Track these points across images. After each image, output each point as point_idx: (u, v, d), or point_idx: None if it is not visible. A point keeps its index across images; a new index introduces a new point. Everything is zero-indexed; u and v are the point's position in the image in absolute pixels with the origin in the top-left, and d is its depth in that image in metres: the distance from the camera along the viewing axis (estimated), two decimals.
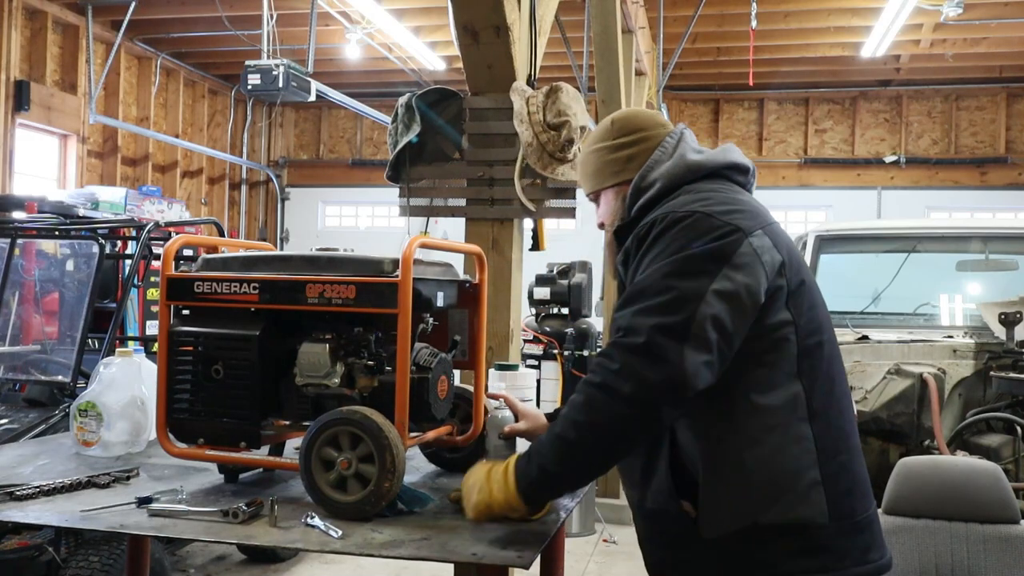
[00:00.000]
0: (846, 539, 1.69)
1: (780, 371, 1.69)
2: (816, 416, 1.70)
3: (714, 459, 1.71)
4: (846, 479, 1.72)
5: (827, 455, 1.69)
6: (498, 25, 3.05)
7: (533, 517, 1.95)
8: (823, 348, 1.76)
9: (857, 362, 4.67)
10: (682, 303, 1.61)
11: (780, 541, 1.67)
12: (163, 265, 2.19)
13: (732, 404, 1.69)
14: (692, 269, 1.64)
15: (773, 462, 1.67)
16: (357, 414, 1.92)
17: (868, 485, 1.78)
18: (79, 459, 2.47)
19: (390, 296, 1.98)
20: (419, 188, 3.30)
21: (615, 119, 2.00)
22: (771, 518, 1.66)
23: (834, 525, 1.67)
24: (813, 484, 1.67)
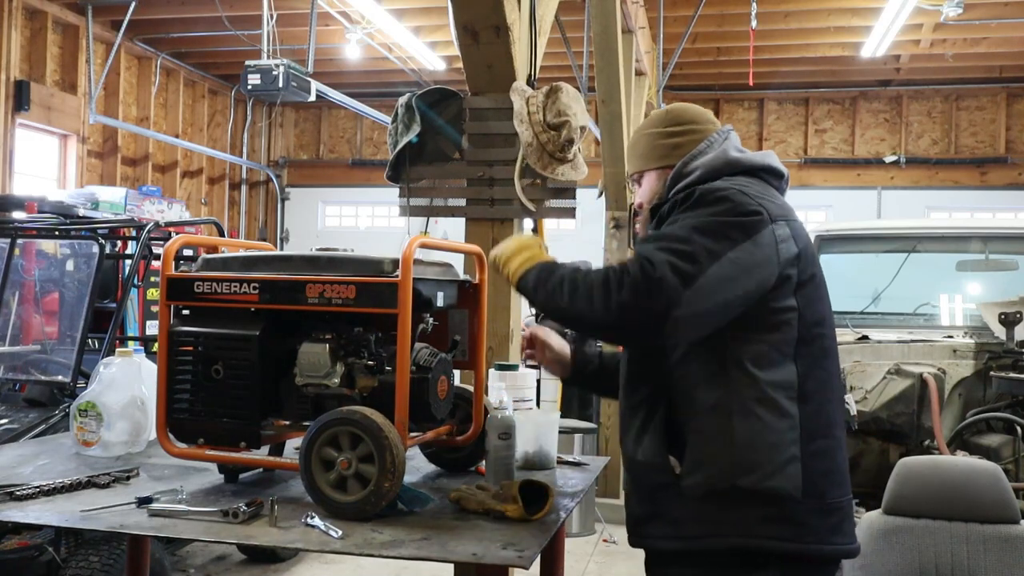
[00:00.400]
0: (815, 517, 1.81)
1: (779, 351, 1.83)
2: (806, 399, 1.83)
3: (705, 421, 1.84)
4: (824, 462, 1.83)
5: (809, 436, 1.82)
6: (498, 25, 3.05)
7: (533, 517, 1.95)
8: (822, 341, 1.89)
9: (857, 362, 4.67)
10: (699, 256, 1.75)
11: (753, 506, 1.79)
12: (163, 265, 2.19)
13: (730, 373, 1.82)
14: (718, 232, 1.79)
15: (759, 432, 1.80)
16: (357, 414, 1.92)
17: (845, 475, 1.89)
18: (79, 459, 2.47)
19: (390, 296, 1.98)
20: (419, 188, 3.29)
21: (670, 109, 2.17)
22: (748, 483, 1.78)
23: (806, 502, 1.79)
24: (792, 459, 1.80)
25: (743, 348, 1.82)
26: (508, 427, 2.25)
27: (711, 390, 1.83)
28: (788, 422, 1.80)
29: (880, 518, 2.59)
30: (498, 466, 2.24)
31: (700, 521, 1.83)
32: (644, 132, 2.16)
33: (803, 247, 1.88)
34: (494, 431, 2.24)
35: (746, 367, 1.81)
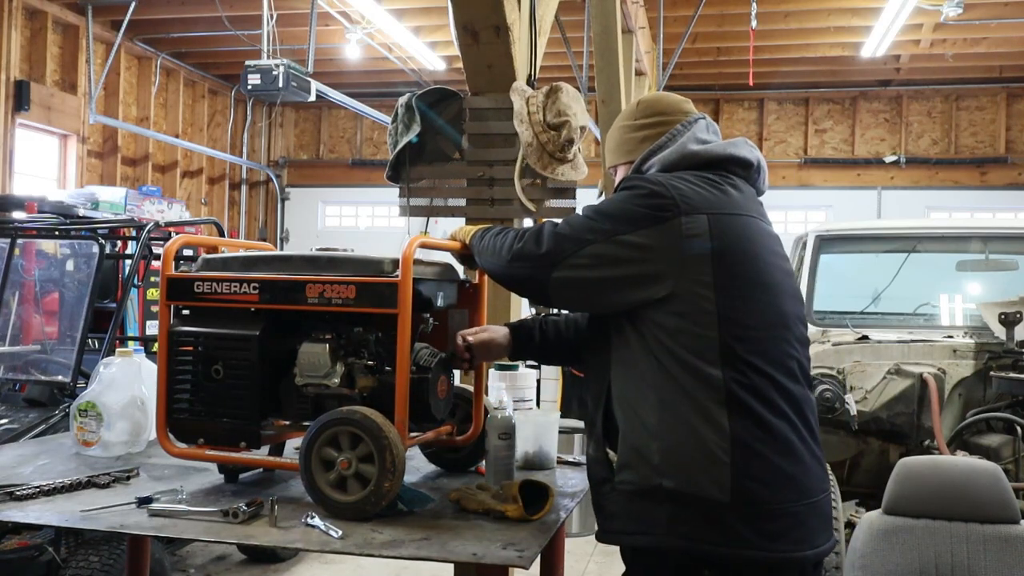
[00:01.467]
0: (746, 523, 1.73)
1: (700, 355, 1.77)
2: (736, 404, 1.76)
3: (634, 419, 1.82)
4: (759, 467, 1.75)
5: (740, 441, 1.75)
6: (498, 25, 3.05)
7: (533, 517, 1.95)
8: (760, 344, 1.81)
9: (857, 362, 4.67)
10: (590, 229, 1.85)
11: (680, 507, 1.75)
12: (163, 265, 2.19)
13: (657, 372, 1.80)
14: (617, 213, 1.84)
15: (684, 434, 1.76)
16: (357, 414, 1.92)
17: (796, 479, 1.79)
18: (79, 459, 2.47)
19: (390, 296, 1.98)
20: (419, 188, 3.29)
21: (641, 100, 2.12)
22: (673, 485, 1.75)
23: (735, 507, 1.73)
24: (717, 463, 1.74)
25: (667, 348, 1.79)
26: (508, 427, 2.25)
27: (641, 389, 1.82)
28: (713, 425, 1.74)
29: (880, 518, 2.59)
30: (498, 466, 2.24)
31: (629, 518, 1.81)
32: (617, 125, 2.14)
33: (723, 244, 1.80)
34: (494, 431, 2.24)
35: (670, 368, 1.78)
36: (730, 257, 1.81)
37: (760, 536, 1.74)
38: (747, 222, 1.89)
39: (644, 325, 1.82)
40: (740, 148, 1.98)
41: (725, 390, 1.76)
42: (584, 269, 1.85)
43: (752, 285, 1.83)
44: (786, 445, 1.79)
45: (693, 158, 1.94)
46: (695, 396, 1.76)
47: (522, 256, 1.93)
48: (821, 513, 1.84)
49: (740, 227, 1.86)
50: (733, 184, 1.93)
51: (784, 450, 1.78)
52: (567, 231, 1.88)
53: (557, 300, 1.95)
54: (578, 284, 1.87)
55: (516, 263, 1.94)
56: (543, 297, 1.95)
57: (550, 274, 1.87)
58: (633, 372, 1.84)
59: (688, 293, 1.79)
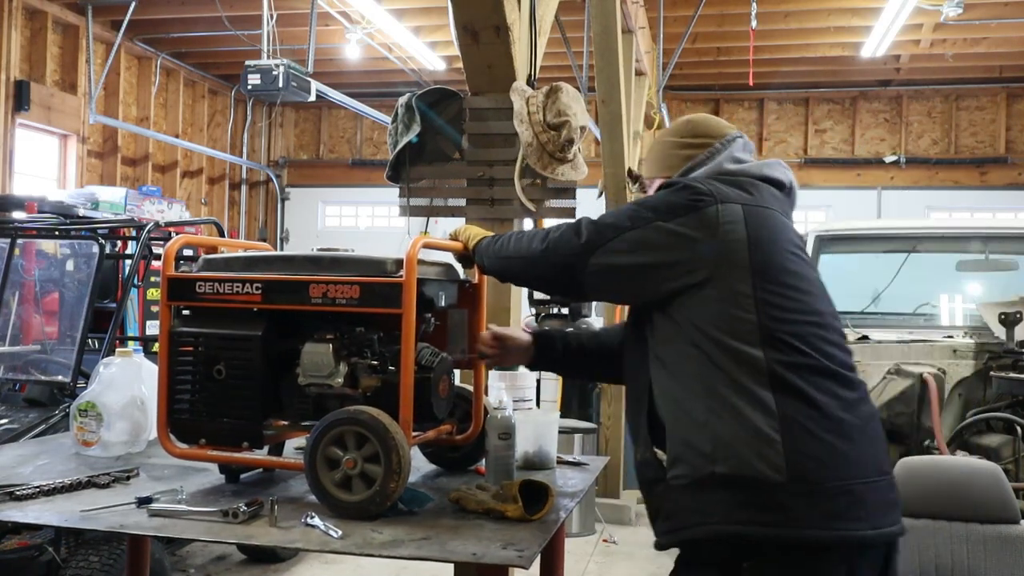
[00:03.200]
0: (803, 501, 1.73)
1: (741, 337, 1.80)
2: (780, 386, 1.78)
3: (680, 410, 1.84)
4: (812, 445, 1.75)
5: (789, 420, 1.76)
6: (498, 25, 3.05)
7: (533, 517, 1.95)
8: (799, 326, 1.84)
9: (857, 362, 4.64)
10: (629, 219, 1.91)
11: (736, 492, 1.75)
12: (164, 265, 2.19)
13: (699, 360, 1.82)
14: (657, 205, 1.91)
15: (731, 418, 1.77)
16: (364, 414, 1.92)
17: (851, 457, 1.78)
18: (79, 459, 2.47)
19: (394, 296, 1.98)
20: (419, 188, 3.29)
21: (691, 119, 2.18)
22: (726, 469, 1.75)
23: (790, 485, 1.72)
24: (769, 442, 1.74)
25: (706, 334, 1.82)
26: (508, 427, 2.25)
27: (683, 380, 1.84)
28: (760, 407, 1.75)
29: None
30: (498, 466, 2.24)
31: (687, 511, 1.81)
32: (662, 139, 2.19)
33: (757, 233, 1.86)
34: (494, 431, 2.25)
35: (711, 354, 1.81)
36: (765, 246, 1.87)
37: (819, 515, 1.73)
38: (777, 217, 1.96)
39: (680, 314, 1.86)
40: (774, 169, 2.06)
41: (768, 370, 1.78)
42: (623, 255, 1.89)
43: (786, 272, 1.88)
44: (836, 423, 1.78)
45: (727, 175, 2.00)
46: (738, 379, 1.78)
47: (560, 245, 1.97)
48: (883, 495, 1.82)
49: (772, 220, 1.93)
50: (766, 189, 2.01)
51: (834, 427, 1.78)
52: (607, 220, 1.95)
53: (592, 288, 1.99)
54: (616, 270, 1.91)
55: (552, 253, 1.98)
56: (576, 286, 1.98)
57: (588, 260, 1.92)
58: (673, 365, 1.86)
59: (725, 278, 1.83)
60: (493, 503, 1.98)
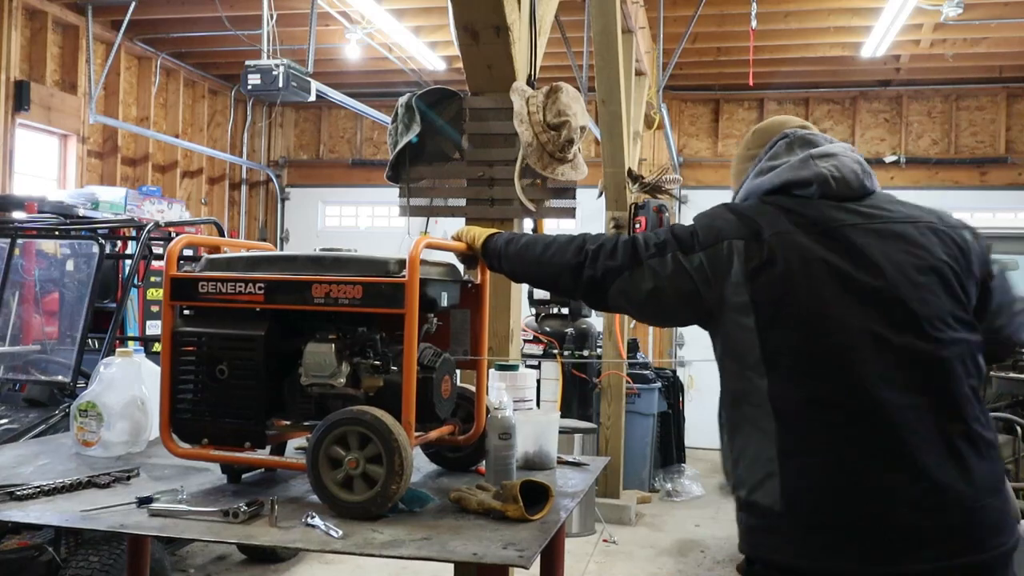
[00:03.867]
0: (801, 532, 1.75)
1: (747, 367, 1.83)
2: (783, 414, 1.78)
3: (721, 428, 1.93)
4: (809, 479, 1.75)
5: (789, 452, 1.76)
6: (498, 25, 3.05)
7: (533, 517, 1.95)
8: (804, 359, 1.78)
9: None
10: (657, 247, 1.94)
11: (750, 517, 1.82)
12: (167, 265, 2.19)
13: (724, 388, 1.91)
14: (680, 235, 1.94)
15: (743, 445, 1.84)
16: (367, 415, 1.93)
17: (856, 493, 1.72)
18: (79, 459, 2.48)
19: (397, 296, 1.99)
20: (419, 188, 3.29)
21: (755, 129, 2.20)
22: (742, 495, 1.83)
23: (789, 516, 1.75)
24: (769, 474, 1.77)
25: (727, 358, 1.88)
26: (508, 427, 2.25)
27: (723, 405, 1.93)
28: (764, 436, 1.79)
29: None
30: (498, 466, 2.24)
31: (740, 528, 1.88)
32: (737, 153, 2.22)
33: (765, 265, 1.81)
34: (494, 431, 2.25)
35: (732, 377, 1.88)
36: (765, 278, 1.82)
37: (815, 547, 1.74)
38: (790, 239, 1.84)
39: (718, 337, 1.91)
40: (796, 171, 1.95)
41: (770, 401, 1.79)
42: (638, 281, 1.94)
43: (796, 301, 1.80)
44: (835, 457, 1.74)
45: (757, 189, 2.00)
46: (750, 406, 1.83)
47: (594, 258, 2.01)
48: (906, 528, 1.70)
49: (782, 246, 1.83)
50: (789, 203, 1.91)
51: (833, 461, 1.74)
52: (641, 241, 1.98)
53: (615, 308, 2.06)
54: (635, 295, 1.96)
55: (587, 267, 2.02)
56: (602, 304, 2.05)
57: (612, 282, 1.98)
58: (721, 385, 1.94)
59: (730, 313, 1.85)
60: (493, 503, 1.98)
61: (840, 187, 1.91)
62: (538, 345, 7.52)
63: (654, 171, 7.06)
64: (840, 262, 1.82)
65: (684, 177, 10.39)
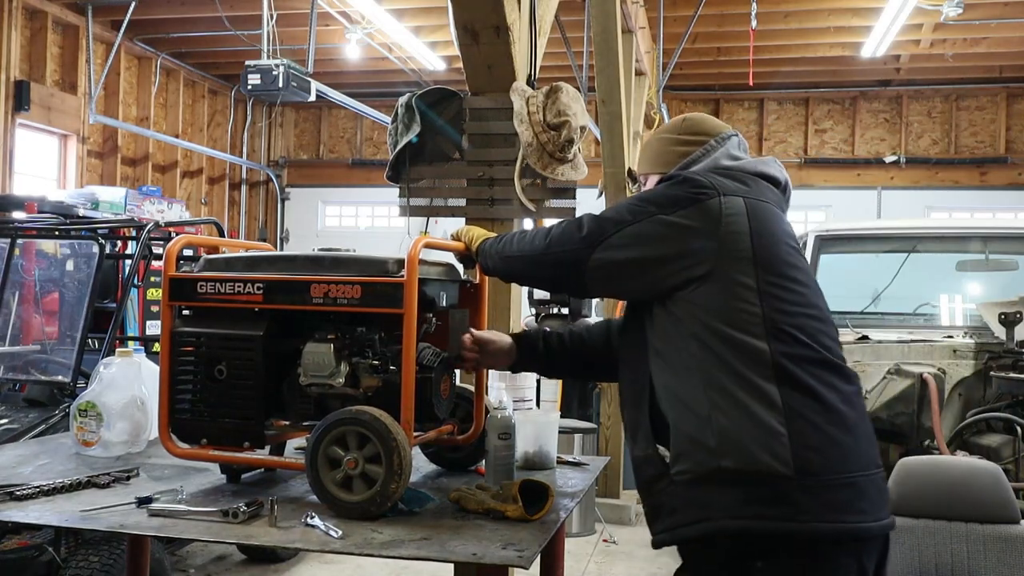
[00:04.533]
0: (809, 494, 1.73)
1: (744, 330, 1.81)
2: (784, 378, 1.78)
3: (683, 405, 1.83)
4: (817, 438, 1.76)
5: (795, 414, 1.76)
6: (498, 25, 3.05)
7: (533, 517, 1.95)
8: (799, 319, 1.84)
9: (857, 362, 4.66)
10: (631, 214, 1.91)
11: (743, 486, 1.74)
12: (166, 265, 2.19)
13: (702, 354, 1.82)
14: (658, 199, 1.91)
15: (736, 412, 1.77)
16: (366, 415, 1.92)
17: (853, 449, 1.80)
18: (79, 459, 2.47)
19: (396, 296, 1.98)
20: (419, 188, 3.29)
21: (688, 117, 2.18)
22: (732, 464, 1.75)
23: (797, 479, 1.73)
24: (775, 435, 1.74)
25: (709, 327, 1.82)
26: (508, 427, 2.25)
27: (686, 375, 1.83)
28: (765, 400, 1.76)
29: None
30: (498, 466, 2.24)
31: (691, 507, 1.79)
32: (658, 136, 2.20)
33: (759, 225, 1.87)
34: (494, 431, 2.25)
35: (714, 347, 1.81)
36: (767, 238, 1.87)
37: (825, 508, 1.73)
38: (775, 211, 1.97)
39: (682, 308, 1.85)
40: (770, 167, 2.06)
41: (773, 363, 1.78)
42: (625, 249, 1.89)
43: (787, 265, 1.89)
44: (838, 416, 1.80)
45: (724, 173, 1.99)
46: (743, 372, 1.78)
47: (562, 241, 1.97)
48: (879, 488, 1.84)
49: (771, 214, 1.94)
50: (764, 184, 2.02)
51: (837, 420, 1.79)
52: (607, 215, 1.95)
53: (595, 284, 1.99)
54: (618, 265, 1.91)
55: (555, 248, 1.98)
56: (580, 283, 1.98)
57: (590, 255, 1.92)
58: (675, 360, 1.85)
59: (728, 270, 1.83)
60: (493, 503, 1.98)
61: (788, 193, 2.11)
62: None
63: None
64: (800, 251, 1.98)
65: None
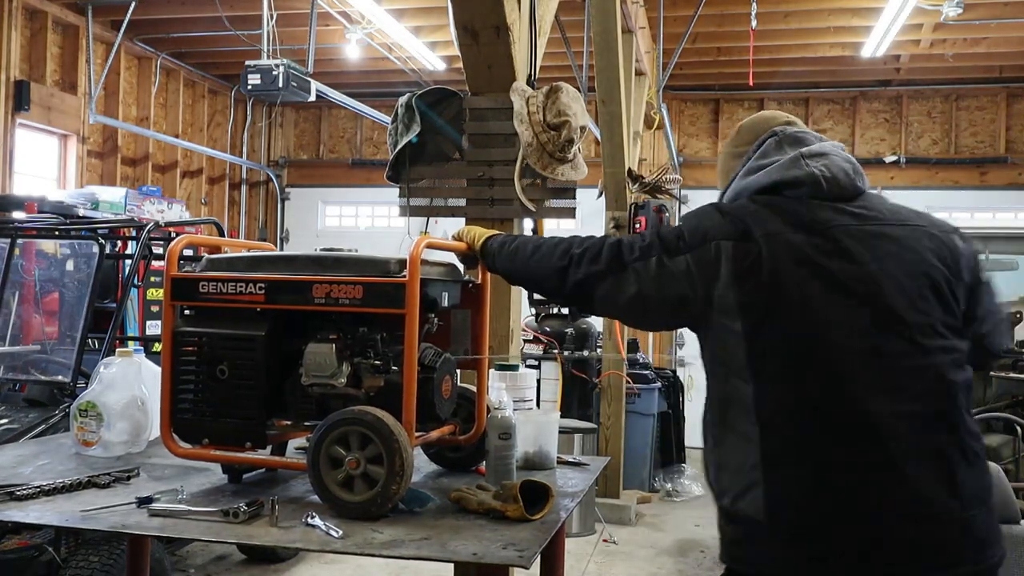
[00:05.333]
0: (781, 544, 1.71)
1: (734, 374, 1.79)
2: (767, 422, 1.73)
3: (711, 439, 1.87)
4: (795, 490, 1.70)
5: (773, 461, 1.71)
6: (498, 25, 3.05)
7: (533, 517, 1.95)
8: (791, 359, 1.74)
9: None
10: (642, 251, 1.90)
11: (731, 527, 1.79)
12: (168, 265, 2.19)
13: (710, 393, 1.87)
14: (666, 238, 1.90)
15: (726, 453, 1.80)
16: (369, 415, 1.92)
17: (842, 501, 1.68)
18: (79, 459, 2.47)
19: (397, 296, 1.99)
20: (419, 188, 3.29)
21: (741, 124, 2.17)
22: (723, 504, 1.80)
23: (772, 527, 1.71)
24: (753, 484, 1.73)
25: (714, 366, 1.84)
26: (508, 427, 2.25)
27: (706, 406, 1.89)
28: (749, 445, 1.74)
29: None
30: (498, 466, 2.24)
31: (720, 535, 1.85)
32: (723, 151, 2.19)
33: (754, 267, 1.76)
34: (494, 431, 2.25)
35: (718, 384, 1.83)
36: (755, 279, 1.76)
37: (793, 559, 1.70)
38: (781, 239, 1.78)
39: (707, 341, 1.87)
40: (786, 171, 1.89)
41: (755, 408, 1.75)
42: (622, 286, 1.91)
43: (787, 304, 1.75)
44: (820, 466, 1.70)
45: (745, 190, 1.95)
46: (735, 414, 1.78)
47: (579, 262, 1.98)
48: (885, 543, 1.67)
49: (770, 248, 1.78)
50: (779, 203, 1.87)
51: (818, 472, 1.70)
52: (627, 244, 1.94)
53: (602, 312, 2.05)
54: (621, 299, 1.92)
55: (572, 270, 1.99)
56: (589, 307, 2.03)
57: (598, 286, 1.95)
58: (707, 389, 1.90)
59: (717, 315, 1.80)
60: (493, 503, 1.98)
61: (831, 187, 1.87)
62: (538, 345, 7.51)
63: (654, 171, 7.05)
64: (830, 264, 1.77)
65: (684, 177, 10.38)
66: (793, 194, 1.87)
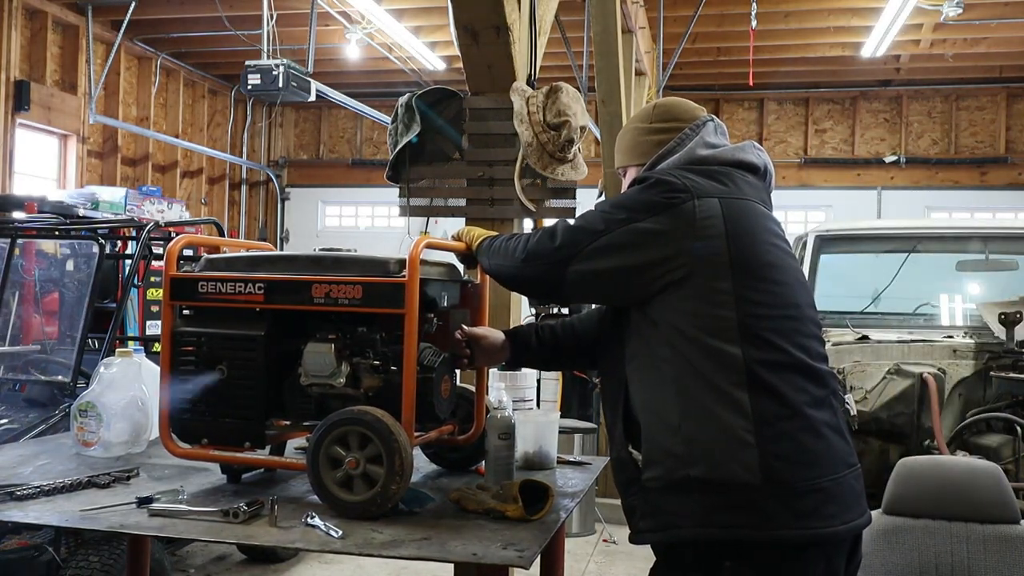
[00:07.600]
0: (777, 502, 1.73)
1: (717, 336, 1.79)
2: (755, 385, 1.76)
3: (654, 412, 1.83)
4: (785, 445, 1.75)
5: (764, 421, 1.75)
6: (498, 25, 3.05)
7: (533, 517, 1.95)
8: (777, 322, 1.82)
9: (857, 362, 4.66)
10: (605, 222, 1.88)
11: (711, 495, 1.75)
12: (167, 265, 2.19)
13: (673, 360, 1.81)
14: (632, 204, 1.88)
15: (706, 420, 1.76)
16: (368, 415, 1.92)
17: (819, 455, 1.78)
18: (79, 459, 2.47)
19: (397, 296, 1.98)
20: (419, 188, 3.29)
21: (658, 104, 2.14)
22: (700, 473, 1.74)
23: (766, 487, 1.72)
24: (744, 445, 1.73)
25: (683, 333, 1.80)
26: (508, 427, 2.25)
27: (658, 381, 1.83)
28: (735, 408, 1.74)
29: (880, 518, 2.59)
30: (498, 466, 2.24)
31: (660, 514, 1.80)
32: (630, 127, 2.17)
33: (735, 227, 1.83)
34: (494, 431, 2.25)
35: (687, 354, 1.79)
36: (744, 239, 1.84)
37: (792, 515, 1.73)
38: (754, 207, 1.92)
39: (658, 313, 1.84)
40: (748, 153, 2.02)
41: (745, 369, 1.76)
42: (601, 259, 1.87)
43: (765, 266, 1.85)
44: (808, 421, 1.78)
45: (702, 163, 1.97)
46: (714, 380, 1.76)
47: (537, 254, 1.95)
48: (850, 488, 1.82)
49: (750, 211, 1.90)
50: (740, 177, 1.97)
51: (807, 426, 1.78)
52: (581, 224, 1.92)
53: (574, 294, 1.99)
54: (595, 275, 1.89)
55: (531, 262, 1.96)
56: (559, 294, 1.99)
57: (567, 268, 1.90)
58: (649, 365, 1.85)
59: (704, 274, 1.81)
60: (493, 503, 1.98)
61: (770, 181, 2.06)
62: None
63: None
64: (783, 244, 1.94)
65: None
66: (745, 176, 1.98)
